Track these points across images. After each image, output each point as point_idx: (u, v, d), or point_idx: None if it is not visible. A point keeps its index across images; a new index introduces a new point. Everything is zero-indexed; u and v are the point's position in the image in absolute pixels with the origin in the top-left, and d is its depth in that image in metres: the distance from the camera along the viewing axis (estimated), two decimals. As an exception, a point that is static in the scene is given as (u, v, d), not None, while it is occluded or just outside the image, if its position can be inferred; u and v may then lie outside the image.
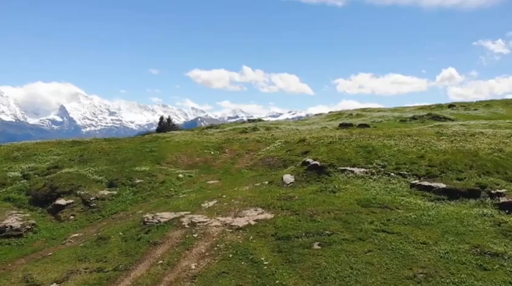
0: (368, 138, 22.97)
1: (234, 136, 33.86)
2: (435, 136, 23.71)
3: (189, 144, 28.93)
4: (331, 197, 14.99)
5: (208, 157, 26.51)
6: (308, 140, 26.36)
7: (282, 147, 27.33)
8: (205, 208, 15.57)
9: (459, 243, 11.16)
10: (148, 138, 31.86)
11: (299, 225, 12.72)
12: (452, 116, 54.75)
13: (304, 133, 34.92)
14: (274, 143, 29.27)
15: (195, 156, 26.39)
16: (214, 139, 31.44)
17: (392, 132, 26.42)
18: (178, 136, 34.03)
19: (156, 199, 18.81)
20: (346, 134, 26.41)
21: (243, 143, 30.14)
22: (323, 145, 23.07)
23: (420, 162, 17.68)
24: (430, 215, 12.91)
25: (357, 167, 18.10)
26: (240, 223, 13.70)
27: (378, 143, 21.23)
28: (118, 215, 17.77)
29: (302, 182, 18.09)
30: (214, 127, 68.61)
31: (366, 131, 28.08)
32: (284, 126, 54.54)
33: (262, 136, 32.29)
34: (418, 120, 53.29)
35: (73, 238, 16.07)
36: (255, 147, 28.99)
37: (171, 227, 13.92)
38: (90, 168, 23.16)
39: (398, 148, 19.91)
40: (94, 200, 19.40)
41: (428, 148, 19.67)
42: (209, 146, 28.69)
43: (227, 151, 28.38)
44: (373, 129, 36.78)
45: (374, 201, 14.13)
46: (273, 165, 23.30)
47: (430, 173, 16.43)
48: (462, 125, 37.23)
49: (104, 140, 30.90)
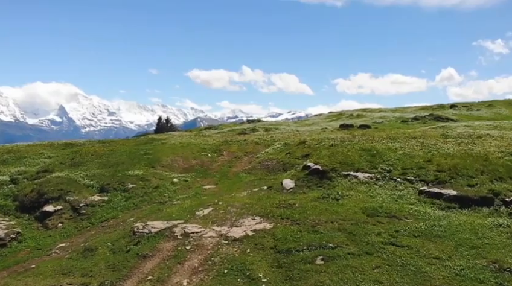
0: (371, 140, 22.01)
1: (232, 137, 32.89)
2: (440, 139, 22.75)
3: (186, 146, 27.95)
4: (334, 205, 14.02)
5: (204, 160, 25.53)
6: (308, 142, 25.41)
7: (282, 149, 26.38)
8: (200, 216, 14.60)
9: (475, 258, 10.20)
10: (144, 140, 30.89)
11: (301, 237, 11.76)
12: (454, 117, 53.85)
13: (304, 135, 33.99)
14: (273, 145, 28.32)
15: (191, 159, 25.41)
16: (211, 141, 30.47)
17: (395, 134, 25.48)
18: (175, 137, 33.06)
19: (148, 205, 17.85)
20: (348, 136, 25.45)
21: (242, 145, 29.18)
22: (324, 147, 22.12)
23: (428, 166, 16.70)
24: (442, 225, 11.94)
25: (361, 172, 17.14)
26: (236, 234, 12.74)
27: (383, 146, 20.27)
28: (108, 223, 16.80)
29: (303, 188, 17.13)
30: (212, 128, 67.68)
31: (369, 133, 27.13)
32: (284, 127, 53.61)
33: (261, 138, 31.33)
34: (419, 121, 52.37)
35: (59, 248, 15.10)
36: (254, 149, 28.03)
37: (163, 238, 12.96)
38: (81, 172, 22.19)
39: (404, 151, 18.94)
40: (84, 206, 18.43)
41: (436, 151, 18.71)
42: (207, 149, 27.72)
43: (225, 154, 27.42)
44: (375, 130, 35.83)
45: (381, 210, 13.16)
46: (273, 168, 22.34)
47: (438, 179, 15.45)
48: (466, 127, 36.32)
49: (98, 142, 29.91)
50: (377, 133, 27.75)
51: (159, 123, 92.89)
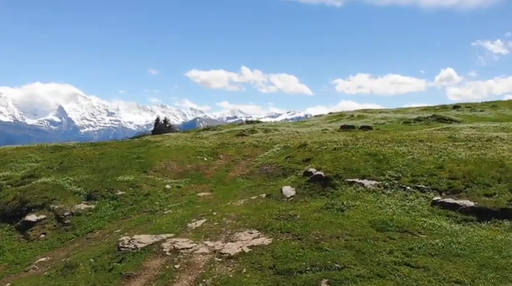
0: (376, 144, 20.73)
1: (230, 140, 31.60)
2: (449, 142, 21.47)
3: (181, 149, 26.65)
4: (339, 217, 12.74)
5: (200, 164, 24.24)
6: (309, 145, 24.13)
7: (282, 153, 25.12)
8: (192, 229, 13.32)
9: (501, 281, 8.95)
10: (137, 142, 29.62)
11: (303, 255, 10.49)
12: (458, 118, 52.60)
13: (305, 137, 32.74)
14: (272, 148, 27.05)
15: (186, 163, 24.12)
16: (208, 144, 29.18)
17: (400, 136, 24.18)
18: (170, 139, 31.76)
19: (138, 215, 16.57)
20: (351, 139, 24.17)
21: (239, 148, 27.90)
22: (326, 151, 20.84)
23: (440, 173, 15.42)
24: (461, 242, 10.67)
25: (367, 179, 15.85)
26: (231, 250, 11.46)
27: (389, 150, 18.99)
28: (93, 235, 15.53)
29: (305, 196, 15.86)
30: (210, 129, 66.38)
31: (372, 136, 25.84)
32: (283, 128, 52.33)
33: (260, 140, 30.05)
34: (422, 122, 51.09)
35: (39, 264, 13.84)
36: (252, 152, 26.77)
37: (150, 254, 11.68)
38: (69, 177, 20.90)
39: (413, 156, 17.65)
40: (69, 215, 17.16)
41: (446, 156, 17.43)
42: (203, 152, 26.43)
43: (222, 157, 26.14)
44: (378, 132, 34.54)
45: (391, 223, 11.89)
46: (272, 173, 21.06)
47: (452, 187, 14.18)
48: (472, 128, 35.02)
49: (90, 144, 28.63)
50: (381, 135, 26.49)
51: (157, 124, 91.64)
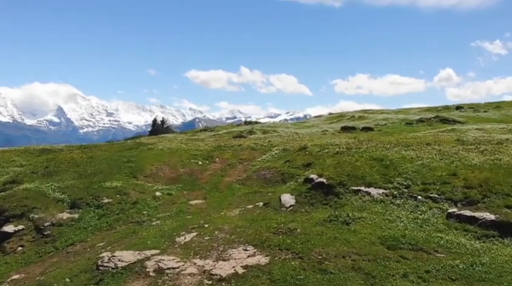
0: (381, 148, 19.39)
1: (227, 142, 30.22)
2: (458, 145, 20.13)
3: (174, 152, 25.28)
4: (344, 232, 11.40)
5: (194, 169, 22.87)
6: (309, 148, 22.79)
7: (280, 156, 23.77)
8: (180, 244, 11.97)
9: (536, 313, 7.64)
10: (129, 145, 28.24)
11: (304, 278, 9.16)
12: (461, 119, 51.31)
13: (305, 139, 31.40)
14: (271, 151, 25.72)
15: (179, 167, 22.75)
16: (203, 146, 27.80)
17: (405, 139, 22.85)
18: (164, 142, 30.39)
19: (124, 226, 15.20)
20: (353, 142, 22.84)
21: (236, 151, 26.54)
22: (328, 155, 19.50)
23: (453, 181, 14.08)
24: (484, 263, 9.34)
25: (373, 187, 14.51)
26: (223, 271, 10.11)
27: (396, 154, 17.66)
28: (73, 248, 14.16)
29: (305, 205, 14.52)
30: (208, 130, 65.08)
31: (376, 138, 24.48)
32: (282, 129, 51.03)
33: (258, 142, 28.67)
34: (425, 123, 49.80)
35: (11, 282, 12.48)
36: (250, 156, 25.42)
37: (131, 275, 10.33)
38: (53, 183, 19.54)
39: (422, 161, 16.31)
40: (49, 226, 15.81)
41: (459, 161, 16.09)
42: (197, 155, 25.06)
43: (218, 161, 24.79)
44: (381, 134, 33.26)
45: (403, 240, 10.55)
46: (270, 179, 19.71)
47: (469, 197, 12.83)
48: (478, 130, 33.71)
49: (79, 147, 27.24)
50: (385, 137, 25.16)
51: (155, 124, 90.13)
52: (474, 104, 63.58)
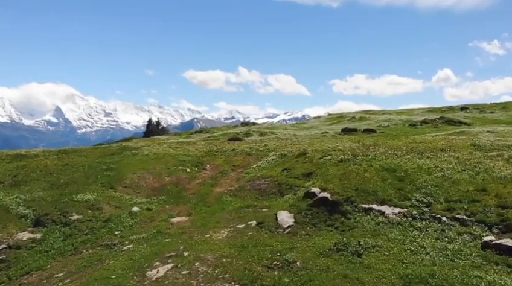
0: (392, 155, 17.07)
1: (220, 146, 27.82)
2: (475, 151, 17.82)
3: (161, 158, 22.89)
4: (356, 267, 9.05)
5: (181, 177, 20.48)
6: (310, 154, 20.47)
7: (278, 163, 21.44)
8: (150, 281, 9.59)
9: None
10: (113, 149, 25.81)
11: None
12: (467, 120, 49.09)
13: (304, 142, 29.07)
14: (267, 156, 23.38)
15: (164, 175, 20.37)
16: (193, 151, 25.40)
17: (414, 143, 20.56)
18: (152, 145, 27.98)
19: (90, 250, 12.80)
20: (358, 147, 20.53)
21: (229, 157, 24.16)
22: (332, 164, 17.17)
23: (483, 198, 11.75)
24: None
25: (388, 205, 12.18)
26: (200, 323, 7.79)
27: (410, 163, 15.33)
28: (28, 279, 11.77)
29: (306, 226, 12.19)
30: (204, 131, 62.73)
31: (383, 142, 22.15)
32: (280, 131, 48.65)
33: (254, 147, 26.28)
34: (429, 125, 47.51)
35: None
36: (244, 162, 23.06)
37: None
38: (19, 195, 17.17)
39: (442, 172, 13.97)
40: (5, 249, 13.43)
41: (485, 173, 13.77)
42: (186, 161, 22.67)
43: (209, 168, 22.42)
44: (387, 137, 30.91)
45: (433, 281, 8.19)
46: (265, 190, 17.36)
47: (506, 220, 10.51)
48: (490, 133, 31.39)
49: (57, 152, 24.74)
50: (392, 141, 22.83)
51: (149, 125, 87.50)
52: (480, 105, 61.39)
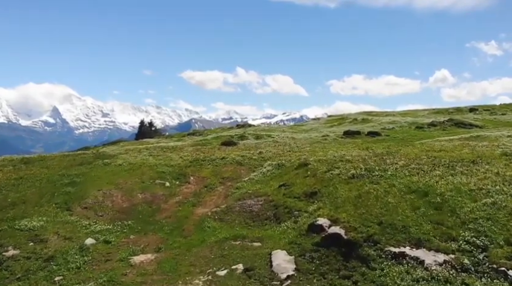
0: (416, 169, 13.55)
1: (208, 153, 24.19)
2: (510, 162, 14.34)
3: (136, 169, 19.34)
4: None
5: (157, 194, 16.95)
6: (312, 165, 17.01)
7: (274, 175, 17.96)
8: None
9: None
10: (86, 157, 22.13)
11: None
12: (478, 122, 45.68)
13: (304, 148, 25.52)
14: (262, 166, 19.88)
15: (137, 192, 16.84)
16: (176, 160, 21.81)
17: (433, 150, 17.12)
18: (131, 152, 24.41)
19: (15, 307, 9.32)
20: (370, 157, 17.05)
21: (218, 167, 20.61)
22: (341, 180, 13.69)
23: None
24: None
25: (426, 248, 8.70)
26: None
27: (443, 183, 11.82)
28: None
29: (312, 276, 8.72)
30: (196, 133, 59.28)
31: (395, 149, 18.66)
32: (277, 133, 44.96)
33: (246, 155, 22.66)
34: (438, 127, 43.99)
35: None
36: (234, 173, 19.55)
37: None
38: None
39: (492, 198, 10.47)
40: None
41: (548, 197, 10.30)
42: (166, 173, 19.11)
43: (192, 181, 18.90)
44: (399, 142, 27.43)
45: None
46: (258, 214, 13.86)
47: None
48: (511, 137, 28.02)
49: (20, 160, 21.03)
50: (406, 148, 19.32)
51: (142, 127, 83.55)
52: (489, 106, 58.07)
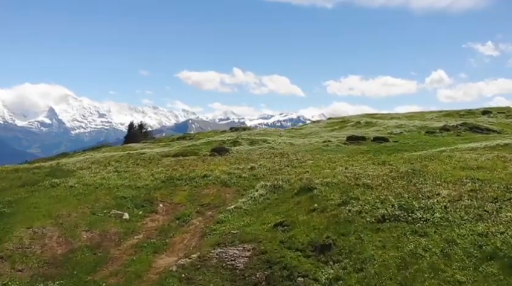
0: (474, 208, 9.18)
1: (188, 168, 19.48)
2: None
3: (89, 194, 14.84)
4: None
5: (109, 231, 12.48)
6: (319, 191, 12.64)
7: (268, 203, 13.52)
8: None
9: None
10: (38, 172, 17.40)
11: None
12: (494, 126, 41.40)
13: (305, 161, 20.91)
14: (253, 189, 15.41)
15: (82, 229, 12.37)
16: (145, 178, 17.19)
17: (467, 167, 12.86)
18: (94, 166, 19.79)
19: None
20: (396, 180, 12.68)
21: (197, 188, 16.11)
22: (365, 226, 9.26)
23: None
24: None
25: None
26: None
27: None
28: None
29: None
30: (187, 137, 54.82)
31: (422, 168, 14.25)
32: (274, 138, 40.28)
33: (235, 172, 17.97)
34: (451, 132, 39.42)
35: None
36: (217, 198, 15.08)
37: None
38: None
39: None
40: None
41: None
42: (127, 199, 14.62)
43: (161, 209, 14.43)
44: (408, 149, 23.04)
45: None
46: (243, 273, 9.37)
47: None
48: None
49: None
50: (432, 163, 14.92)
51: (131, 129, 78.19)
52: (504, 108, 53.83)
